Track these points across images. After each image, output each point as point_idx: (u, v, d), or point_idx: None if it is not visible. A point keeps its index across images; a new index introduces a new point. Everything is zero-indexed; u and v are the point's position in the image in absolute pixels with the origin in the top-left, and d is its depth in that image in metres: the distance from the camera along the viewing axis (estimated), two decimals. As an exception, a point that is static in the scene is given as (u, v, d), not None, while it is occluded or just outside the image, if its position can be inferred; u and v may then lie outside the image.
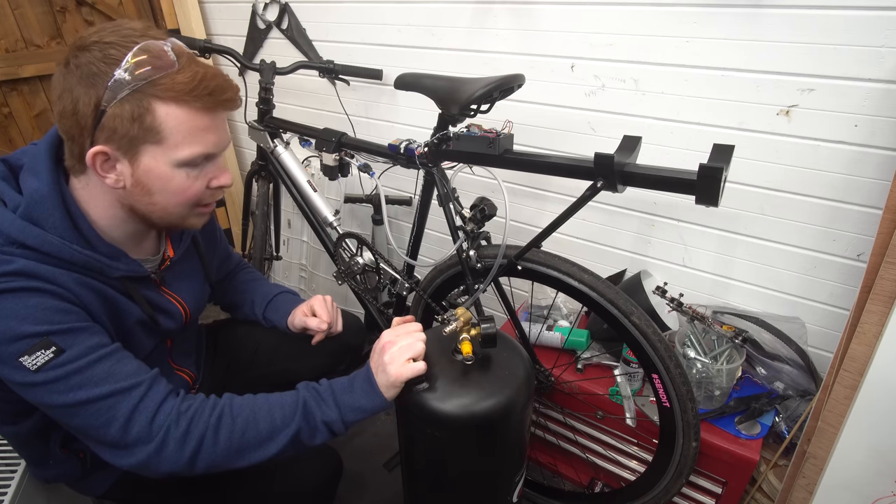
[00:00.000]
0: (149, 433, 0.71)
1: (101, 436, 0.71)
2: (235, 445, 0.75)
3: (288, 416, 0.78)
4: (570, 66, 1.29)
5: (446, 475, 0.96)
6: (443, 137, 1.08)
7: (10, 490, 0.94)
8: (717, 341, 1.18)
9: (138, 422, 0.71)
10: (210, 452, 0.73)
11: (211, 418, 0.74)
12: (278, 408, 0.78)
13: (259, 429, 0.76)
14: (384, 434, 1.62)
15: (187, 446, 0.72)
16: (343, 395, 0.81)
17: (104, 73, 0.65)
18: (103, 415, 0.70)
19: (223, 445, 0.74)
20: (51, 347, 0.67)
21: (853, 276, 1.11)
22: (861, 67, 0.97)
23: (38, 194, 0.70)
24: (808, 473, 0.99)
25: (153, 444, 0.71)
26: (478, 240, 1.14)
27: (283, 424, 0.77)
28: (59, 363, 0.68)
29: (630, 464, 1.27)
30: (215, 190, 0.80)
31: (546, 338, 1.35)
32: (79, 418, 0.70)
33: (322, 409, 0.80)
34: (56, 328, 0.68)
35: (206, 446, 0.73)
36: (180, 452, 0.71)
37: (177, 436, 0.72)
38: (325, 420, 0.80)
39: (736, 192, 1.17)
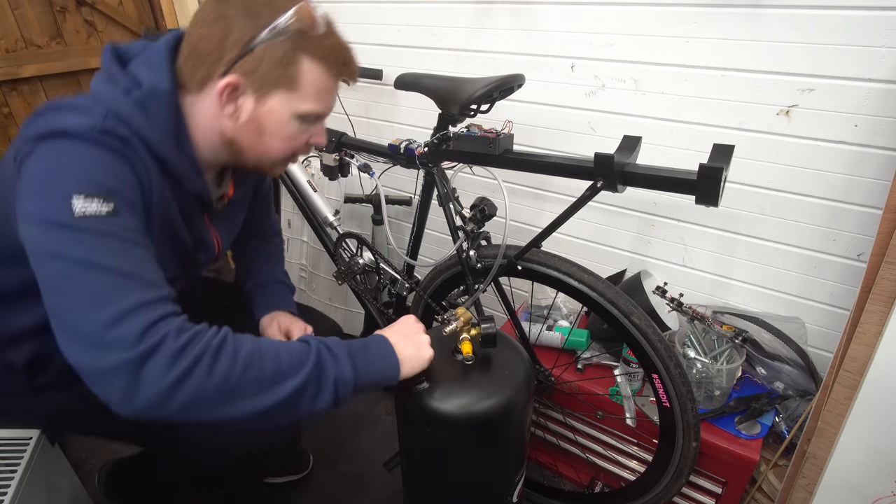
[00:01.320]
0: (138, 338, 0.59)
1: (84, 318, 0.59)
2: (231, 384, 0.63)
3: (296, 363, 0.68)
4: (570, 66, 1.29)
5: (446, 475, 0.96)
6: (443, 137, 1.08)
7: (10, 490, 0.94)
8: (717, 341, 1.18)
9: (135, 321, 0.60)
10: (199, 384, 0.61)
11: (213, 340, 0.64)
12: (286, 353, 0.69)
13: (263, 369, 0.65)
14: (384, 434, 1.62)
15: (176, 368, 0.59)
16: (359, 358, 0.75)
17: (267, 15, 0.70)
18: (106, 292, 0.60)
19: (217, 379, 0.62)
20: (110, 204, 0.63)
21: (853, 276, 1.11)
22: (861, 67, 0.97)
23: (158, 88, 0.71)
24: (808, 473, 0.99)
25: (136, 351, 0.58)
26: (478, 240, 1.14)
27: (289, 371, 0.67)
28: (106, 220, 0.63)
29: (630, 464, 1.27)
30: (310, 147, 0.85)
31: (546, 338, 1.35)
32: (75, 284, 0.60)
33: (336, 365, 0.72)
34: (124, 195, 0.65)
35: (197, 374, 0.61)
36: (164, 373, 0.59)
37: (171, 349, 0.60)
38: (337, 378, 0.71)
39: (736, 192, 1.17)
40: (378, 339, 0.80)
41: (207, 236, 0.91)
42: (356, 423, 1.67)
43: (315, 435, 1.63)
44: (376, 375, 0.76)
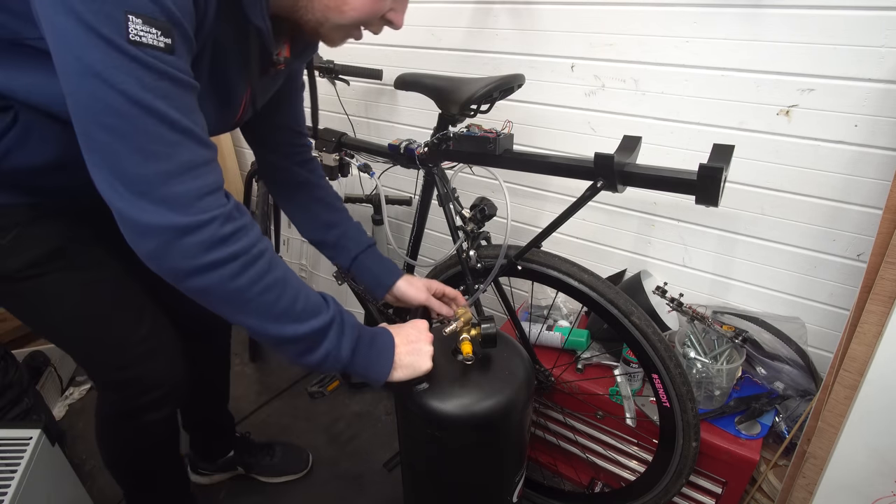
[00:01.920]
0: (189, 205, 0.56)
1: (132, 166, 0.54)
2: (247, 296, 0.62)
3: (308, 314, 0.67)
4: (570, 66, 1.29)
5: (446, 475, 0.96)
6: (443, 137, 1.08)
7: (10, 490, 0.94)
8: (717, 341, 1.18)
9: (188, 183, 0.56)
10: (222, 281, 0.59)
11: (254, 247, 0.61)
12: (304, 299, 0.67)
13: (279, 301, 0.64)
14: (384, 434, 1.62)
15: (211, 254, 0.57)
16: (363, 348, 0.74)
17: None
18: (158, 143, 0.54)
19: (239, 285, 0.60)
20: (169, 39, 0.53)
21: (853, 276, 1.11)
22: (861, 67, 0.97)
23: None
24: (808, 473, 0.99)
25: (183, 221, 0.55)
26: (478, 240, 1.14)
27: (298, 317, 0.66)
28: (162, 57, 0.53)
29: (630, 464, 1.27)
30: (384, 22, 0.75)
31: (546, 338, 1.35)
32: (124, 125, 0.53)
33: (339, 341, 0.70)
34: (184, 28, 0.55)
35: (226, 271, 0.59)
36: (198, 254, 0.57)
37: (215, 234, 0.57)
38: (331, 352, 0.70)
39: (736, 192, 1.17)
40: (387, 338, 0.79)
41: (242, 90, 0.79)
42: (356, 423, 1.67)
43: (315, 435, 1.63)
44: (366, 370, 0.76)
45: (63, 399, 1.76)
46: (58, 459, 1.12)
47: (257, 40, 0.69)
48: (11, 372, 1.38)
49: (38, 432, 1.05)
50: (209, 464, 1.43)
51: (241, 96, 0.78)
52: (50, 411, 1.58)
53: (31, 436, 1.04)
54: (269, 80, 0.83)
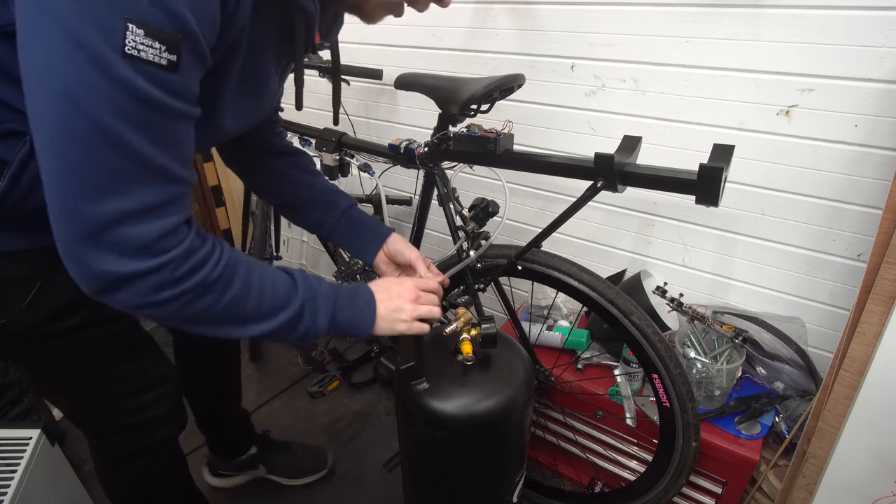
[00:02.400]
0: (146, 248, 0.51)
1: (82, 200, 0.47)
2: (204, 317, 0.59)
3: (277, 307, 0.66)
4: (570, 66, 1.29)
5: (446, 475, 0.96)
6: (443, 137, 1.08)
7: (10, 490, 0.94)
8: (717, 341, 1.18)
9: (150, 224, 0.51)
10: (175, 312, 0.56)
11: (211, 274, 0.57)
12: (270, 295, 0.65)
13: (241, 311, 0.62)
14: (384, 434, 1.62)
15: (162, 293, 0.54)
16: (342, 310, 0.73)
17: None
18: (119, 179, 0.48)
19: (194, 311, 0.58)
20: (174, 55, 0.46)
21: (853, 276, 1.11)
22: (861, 67, 0.97)
23: None
24: (808, 473, 0.99)
25: (135, 266, 0.51)
26: (478, 240, 1.14)
27: (266, 314, 0.65)
28: (158, 76, 0.46)
29: (630, 464, 1.27)
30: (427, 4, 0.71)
31: (546, 338, 1.35)
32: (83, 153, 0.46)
33: (314, 318, 0.70)
34: (196, 38, 0.47)
35: (178, 303, 0.56)
36: (149, 294, 0.53)
37: (168, 277, 0.53)
38: (308, 331, 0.70)
39: (736, 192, 1.17)
40: (366, 294, 0.78)
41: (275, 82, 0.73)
42: (356, 423, 1.67)
43: (315, 435, 1.63)
44: (349, 329, 0.75)
45: (63, 399, 1.76)
46: (58, 459, 1.12)
47: (302, 24, 0.63)
48: (11, 372, 1.38)
49: (38, 432, 1.05)
50: (228, 463, 1.41)
51: (274, 88, 0.74)
52: (50, 411, 1.58)
53: (31, 436, 1.04)
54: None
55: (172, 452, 1.00)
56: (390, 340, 1.63)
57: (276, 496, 1.44)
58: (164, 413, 0.90)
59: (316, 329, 0.71)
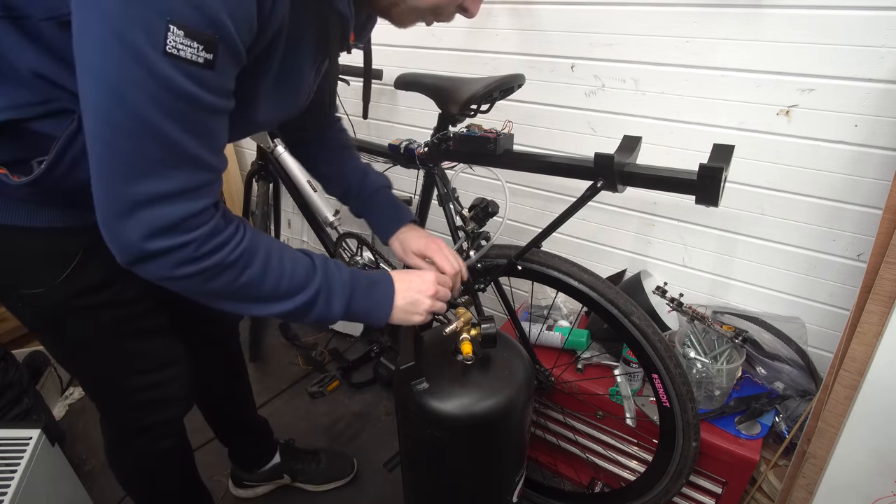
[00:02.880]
0: (174, 228, 0.56)
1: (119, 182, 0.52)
2: (224, 294, 0.64)
3: (293, 291, 0.69)
4: (570, 66, 1.29)
5: (446, 475, 0.96)
6: (443, 137, 1.08)
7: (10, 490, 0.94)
8: (717, 341, 1.18)
9: (180, 206, 0.55)
10: (196, 286, 0.61)
11: (230, 255, 0.61)
12: (288, 278, 0.68)
13: (259, 291, 0.66)
14: (384, 434, 1.62)
15: (183, 269, 0.58)
16: (358, 300, 0.76)
17: None
18: (154, 164, 0.53)
19: (214, 288, 0.62)
20: (210, 54, 0.50)
21: (853, 276, 1.11)
22: (861, 67, 0.97)
23: None
24: (808, 473, 0.99)
25: (163, 244, 0.56)
26: (478, 240, 1.14)
27: (282, 297, 0.68)
28: (195, 73, 0.50)
29: (630, 464, 1.27)
30: (459, 10, 0.73)
31: (546, 338, 1.35)
32: (123, 141, 0.51)
33: (329, 306, 0.72)
34: (232, 39, 0.51)
35: (199, 279, 0.60)
36: (173, 270, 0.58)
37: (189, 255, 0.58)
38: (322, 317, 0.73)
39: (736, 192, 1.17)
40: (387, 285, 0.80)
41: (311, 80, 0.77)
42: (356, 423, 1.67)
43: (315, 435, 1.63)
44: (364, 318, 0.78)
45: (63, 399, 1.76)
46: (58, 459, 1.12)
47: (338, 27, 0.67)
48: (11, 372, 1.38)
49: (38, 432, 1.05)
50: (251, 474, 1.41)
51: (310, 84, 0.77)
52: (50, 411, 1.58)
53: (31, 436, 1.04)
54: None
55: (177, 435, 1.02)
56: (390, 340, 1.63)
57: (276, 496, 1.44)
58: (172, 394, 0.94)
59: (330, 314, 0.73)
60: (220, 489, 1.45)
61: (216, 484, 1.45)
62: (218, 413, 1.29)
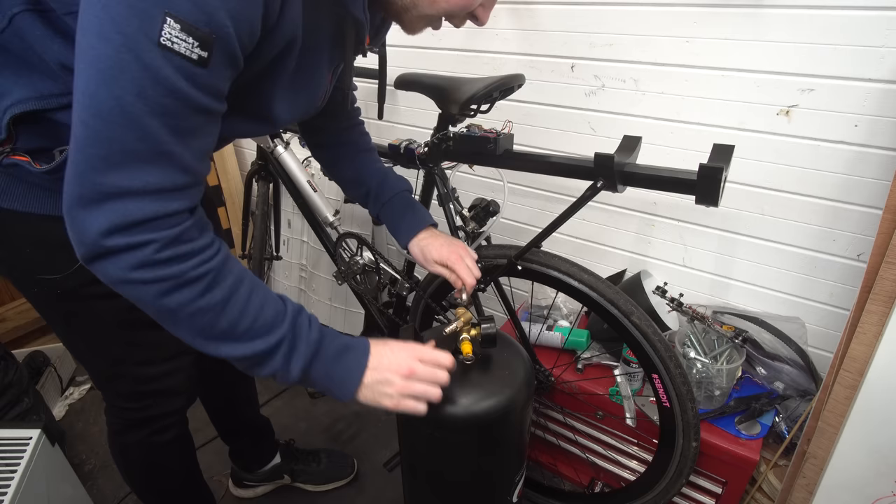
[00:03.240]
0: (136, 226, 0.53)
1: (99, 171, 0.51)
2: (177, 316, 0.58)
3: (253, 335, 0.62)
4: (570, 66, 1.29)
5: (446, 475, 0.96)
6: (443, 137, 1.08)
7: (10, 490, 0.95)
8: (717, 341, 1.18)
9: (147, 206, 0.53)
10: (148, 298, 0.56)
11: (194, 270, 0.57)
12: (252, 318, 0.62)
13: (215, 324, 0.60)
14: (384, 434, 1.62)
15: (138, 273, 0.54)
16: (321, 365, 0.67)
17: None
18: (130, 158, 0.51)
19: (166, 305, 0.57)
20: (205, 52, 0.49)
21: (853, 276, 1.11)
22: (861, 67, 0.97)
23: None
24: (808, 473, 0.99)
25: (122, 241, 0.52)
26: (478, 240, 1.14)
27: (239, 338, 0.62)
28: (187, 69, 0.49)
29: (630, 464, 1.27)
30: (470, 17, 0.76)
31: (546, 338, 1.35)
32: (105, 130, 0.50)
33: (288, 361, 0.65)
34: (230, 40, 0.51)
35: (152, 290, 0.56)
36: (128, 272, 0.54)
37: (150, 258, 0.54)
38: (277, 373, 0.65)
39: (736, 192, 1.17)
40: (359, 355, 0.71)
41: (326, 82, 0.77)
42: (356, 423, 1.67)
43: (315, 435, 1.63)
44: (325, 388, 0.70)
45: (63, 399, 1.76)
46: (58, 459, 1.12)
47: (354, 31, 0.67)
48: (11, 372, 1.38)
49: (38, 432, 1.05)
50: (252, 474, 1.41)
51: (326, 86, 0.77)
52: (50, 411, 1.58)
53: (31, 436, 1.04)
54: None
55: (180, 426, 1.03)
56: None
57: (276, 497, 1.44)
58: (176, 385, 0.94)
59: (286, 374, 0.65)
60: (220, 489, 1.45)
61: (216, 484, 1.46)
62: (222, 411, 1.29)
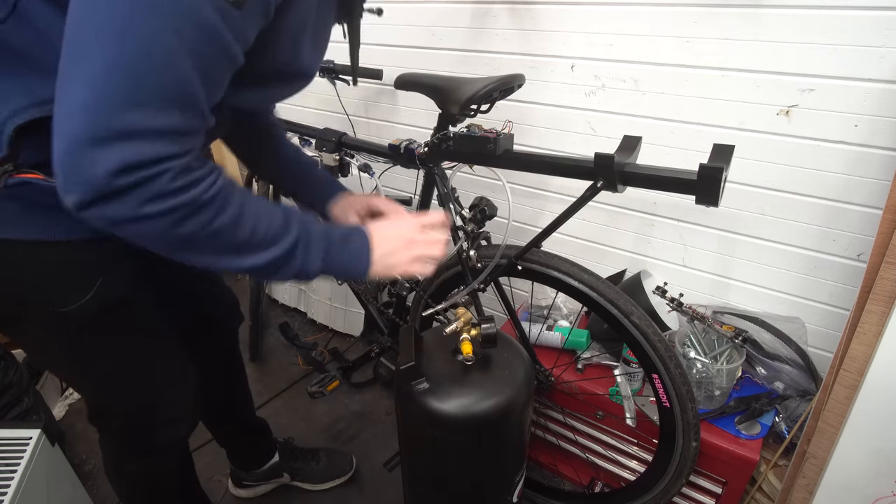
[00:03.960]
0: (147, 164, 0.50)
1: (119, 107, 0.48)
2: (192, 242, 0.58)
3: (268, 242, 0.63)
4: (570, 66, 1.29)
5: (446, 475, 0.96)
6: (443, 137, 1.08)
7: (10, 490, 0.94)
8: (717, 341, 1.18)
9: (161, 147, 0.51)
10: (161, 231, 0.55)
11: (204, 194, 0.56)
12: (263, 229, 0.63)
13: (231, 240, 0.61)
14: (384, 434, 1.62)
15: (149, 207, 0.52)
16: (335, 254, 0.70)
17: None
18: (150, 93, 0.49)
19: (185, 231, 0.56)
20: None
21: (853, 276, 1.11)
22: (861, 67, 0.97)
23: None
24: (808, 473, 0.99)
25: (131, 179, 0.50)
26: (478, 240, 1.14)
27: (256, 248, 0.63)
28: (222, 8, 0.49)
29: (630, 464, 1.27)
30: None
31: (546, 338, 1.35)
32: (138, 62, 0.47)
33: (305, 259, 0.67)
34: None
35: (165, 222, 0.54)
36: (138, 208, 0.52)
37: (163, 189, 0.52)
38: (300, 271, 0.68)
39: (736, 192, 1.17)
40: (360, 239, 0.74)
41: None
42: (356, 423, 1.67)
43: (315, 435, 1.63)
44: (342, 273, 0.73)
45: (63, 399, 1.76)
46: (58, 459, 1.12)
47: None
48: (11, 372, 1.38)
49: (38, 432, 1.05)
50: (251, 474, 1.41)
51: (327, 42, 0.76)
52: (50, 411, 1.58)
53: (31, 436, 1.04)
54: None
55: (182, 451, 1.02)
56: (390, 340, 1.63)
57: (276, 497, 1.44)
58: (184, 411, 0.93)
59: (308, 269, 0.68)
60: (219, 489, 1.45)
61: (216, 484, 1.46)
62: (218, 416, 1.28)
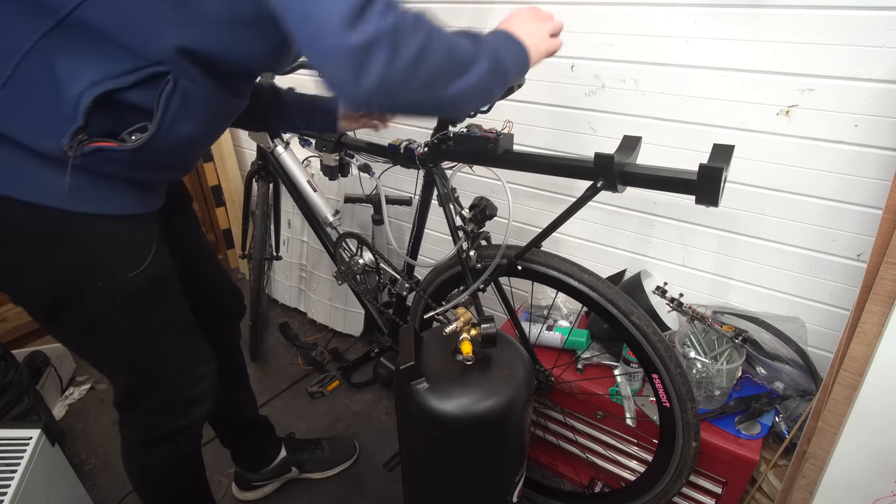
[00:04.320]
0: (388, 7, 0.58)
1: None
2: (439, 66, 0.66)
3: (475, 51, 0.72)
4: (570, 66, 1.29)
5: (446, 475, 0.96)
6: (443, 137, 1.08)
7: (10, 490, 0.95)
8: (717, 341, 1.18)
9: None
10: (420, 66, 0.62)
11: (428, 22, 0.66)
12: (465, 33, 0.73)
13: (458, 50, 0.70)
14: (384, 434, 1.62)
15: (410, 40, 0.61)
16: (511, 52, 0.78)
17: None
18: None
19: (433, 62, 0.64)
20: None
21: (853, 276, 1.11)
22: (861, 67, 0.97)
23: None
24: (808, 473, 0.99)
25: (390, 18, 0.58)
26: (478, 240, 1.14)
27: (475, 54, 0.72)
28: None
29: (630, 464, 1.27)
30: None
31: (546, 338, 1.35)
32: None
33: (505, 55, 0.75)
34: None
35: (420, 53, 0.62)
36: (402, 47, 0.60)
37: (411, 23, 0.61)
38: (510, 69, 0.75)
39: (736, 192, 1.18)
40: (506, 34, 0.80)
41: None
42: (356, 423, 1.67)
43: (315, 435, 1.63)
44: (522, 66, 0.79)
45: (63, 399, 1.76)
46: (58, 459, 1.12)
47: None
48: (11, 372, 1.38)
49: (38, 432, 1.05)
50: (260, 473, 1.40)
51: None
52: (50, 411, 1.58)
53: (31, 436, 1.04)
54: None
55: (197, 439, 1.02)
56: (390, 340, 1.63)
57: (276, 497, 1.44)
58: (205, 391, 0.94)
59: (509, 71, 0.75)
60: (220, 489, 1.45)
61: (216, 484, 1.46)
62: (222, 416, 1.27)
